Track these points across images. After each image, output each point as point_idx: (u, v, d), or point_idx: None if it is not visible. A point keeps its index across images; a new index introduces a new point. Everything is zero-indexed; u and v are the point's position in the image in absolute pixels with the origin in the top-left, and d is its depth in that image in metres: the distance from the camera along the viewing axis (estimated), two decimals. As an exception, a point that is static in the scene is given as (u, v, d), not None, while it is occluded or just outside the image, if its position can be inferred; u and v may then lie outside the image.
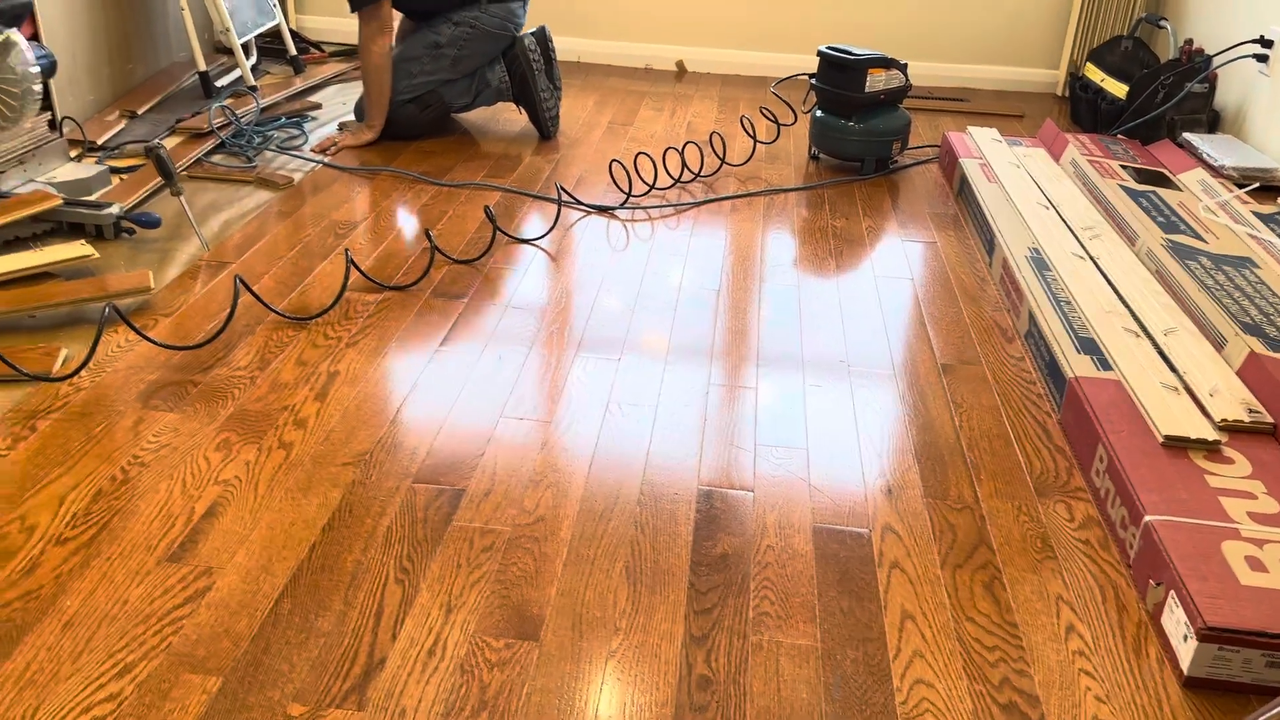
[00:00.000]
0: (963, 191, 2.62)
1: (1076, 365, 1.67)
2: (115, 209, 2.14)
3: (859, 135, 2.74)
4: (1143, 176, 2.51)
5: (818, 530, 1.38)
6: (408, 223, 2.32)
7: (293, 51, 3.41)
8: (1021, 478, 1.51)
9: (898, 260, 2.25)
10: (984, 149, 2.73)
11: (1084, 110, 3.27)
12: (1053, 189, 2.45)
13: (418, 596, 1.22)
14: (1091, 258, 2.08)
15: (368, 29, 2.67)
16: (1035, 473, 1.53)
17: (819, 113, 2.82)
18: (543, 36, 2.90)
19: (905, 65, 2.75)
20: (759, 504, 1.42)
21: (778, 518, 1.40)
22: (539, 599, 1.23)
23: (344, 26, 3.91)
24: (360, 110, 2.84)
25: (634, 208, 2.48)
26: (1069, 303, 1.88)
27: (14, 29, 2.05)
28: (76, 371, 1.63)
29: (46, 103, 2.63)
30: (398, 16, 2.84)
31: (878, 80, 2.70)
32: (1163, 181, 2.49)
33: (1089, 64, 3.28)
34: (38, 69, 2.08)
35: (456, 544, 1.31)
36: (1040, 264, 2.05)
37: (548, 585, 1.25)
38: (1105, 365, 1.67)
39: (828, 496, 1.45)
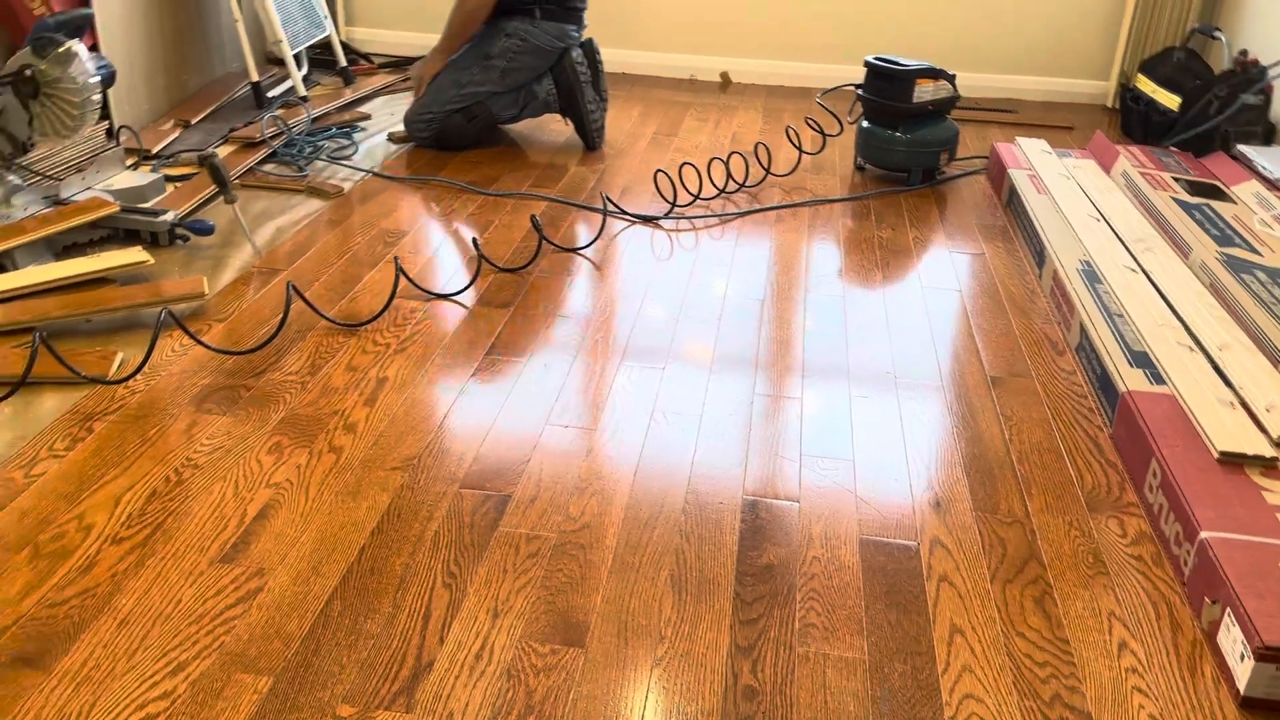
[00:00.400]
0: (1011, 203, 2.60)
1: (1129, 379, 1.64)
2: (170, 216, 2.18)
3: (906, 146, 2.72)
4: (1196, 189, 2.47)
5: (864, 542, 1.37)
6: (455, 232, 2.35)
7: (343, 63, 3.46)
8: (1073, 492, 1.49)
9: (945, 271, 2.24)
10: (1033, 160, 2.70)
11: (1135, 122, 3.23)
12: (1104, 201, 2.42)
13: (465, 600, 1.23)
14: (1144, 271, 2.05)
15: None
16: (1087, 487, 1.51)
17: (865, 123, 2.81)
18: (590, 49, 2.92)
19: (953, 76, 2.73)
20: (805, 515, 1.42)
21: (824, 529, 1.39)
22: (584, 606, 1.23)
23: (393, 39, 3.97)
24: (409, 120, 2.87)
25: (678, 218, 2.49)
26: (1121, 316, 1.86)
27: (75, 40, 2.10)
28: (132, 375, 1.66)
29: (105, 112, 2.69)
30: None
31: (925, 91, 2.69)
32: (1216, 194, 2.45)
33: (1140, 75, 3.24)
34: (97, 79, 2.13)
35: (503, 549, 1.32)
36: (1091, 276, 2.02)
37: (593, 592, 1.26)
38: (1159, 379, 1.64)
39: (875, 508, 1.44)
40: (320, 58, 3.57)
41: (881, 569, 1.32)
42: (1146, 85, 3.18)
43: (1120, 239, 2.21)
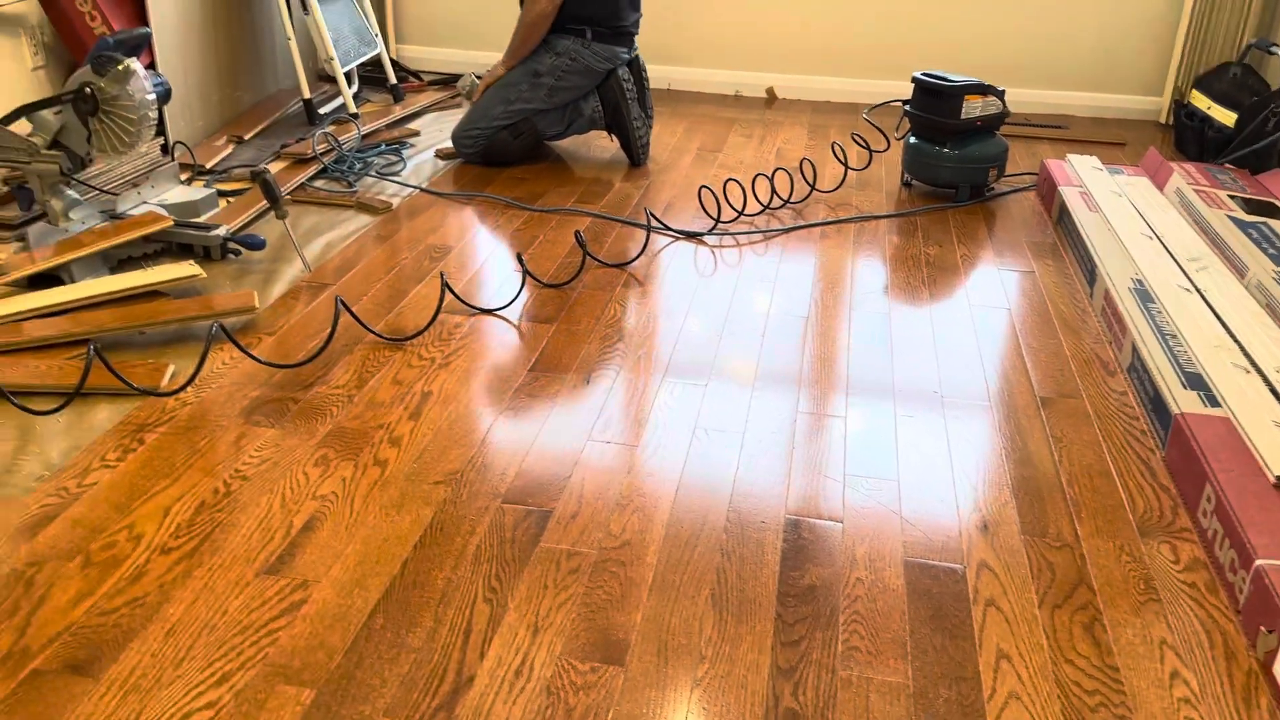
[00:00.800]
0: (1062, 220, 2.56)
1: (1183, 401, 1.61)
2: (222, 231, 2.22)
3: (954, 162, 2.70)
4: (1252, 207, 2.42)
5: (909, 564, 1.35)
6: (500, 247, 2.36)
7: (393, 80, 3.51)
8: (1124, 516, 1.46)
9: (994, 289, 2.21)
10: (1084, 177, 2.67)
11: (1189, 138, 3.17)
12: (1157, 219, 2.38)
13: (505, 616, 1.23)
14: (1198, 290, 2.01)
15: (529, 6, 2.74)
16: (1138, 511, 1.47)
17: (913, 139, 2.79)
18: (636, 65, 2.93)
19: (1003, 92, 2.70)
20: (848, 535, 1.40)
21: (868, 550, 1.37)
22: (625, 623, 1.23)
23: (442, 56, 4.02)
24: (457, 137, 2.90)
25: (722, 234, 2.48)
26: (1174, 336, 1.82)
27: (134, 58, 2.15)
28: (183, 387, 1.69)
29: (160, 128, 2.75)
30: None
31: (974, 106, 2.67)
32: (1273, 212, 2.39)
33: (1195, 91, 3.18)
34: (154, 96, 2.18)
35: (544, 565, 1.32)
36: (1144, 296, 1.99)
37: (633, 610, 1.25)
38: (1213, 402, 1.61)
39: (920, 530, 1.42)
40: (371, 75, 3.62)
41: (927, 592, 1.30)
42: (1201, 101, 3.13)
43: (1174, 257, 2.16)
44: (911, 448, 1.62)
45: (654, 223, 2.49)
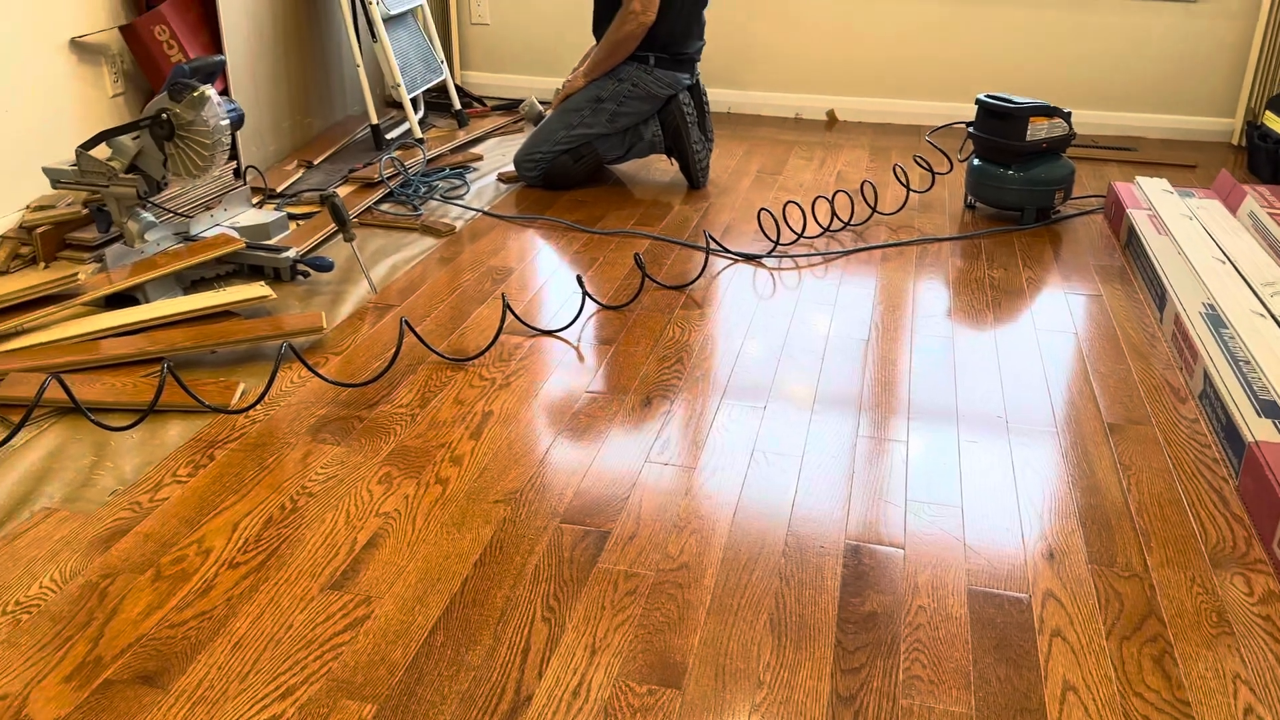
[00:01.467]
0: (1130, 243, 2.52)
1: (1257, 429, 1.56)
2: (292, 253, 2.28)
3: (1019, 184, 2.66)
4: (1331, 229, 2.35)
5: (973, 593, 1.33)
6: (560, 269, 2.38)
7: (458, 106, 3.57)
8: (1195, 547, 1.42)
9: (1060, 313, 2.17)
10: (1153, 200, 2.61)
11: (1263, 161, 3.09)
12: (1229, 243, 2.32)
13: (563, 636, 1.24)
14: (1273, 316, 1.95)
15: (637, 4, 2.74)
16: (1210, 542, 1.43)
17: (976, 161, 2.76)
18: (697, 90, 2.95)
19: (1069, 114, 2.67)
20: (910, 562, 1.38)
21: (930, 577, 1.35)
22: (682, 646, 1.23)
23: (505, 82, 4.08)
24: (518, 161, 2.93)
25: (781, 256, 2.48)
26: (1248, 363, 1.77)
27: (208, 85, 2.22)
28: (253, 405, 1.73)
29: (233, 152, 2.82)
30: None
31: (1040, 129, 2.63)
32: (1354, 235, 2.32)
33: (1269, 112, 3.11)
34: (227, 122, 2.25)
35: (601, 586, 1.33)
36: (1216, 321, 1.94)
37: (691, 633, 1.25)
38: (1290, 430, 1.56)
39: (984, 558, 1.40)
40: (436, 101, 3.69)
41: (991, 621, 1.28)
42: (1276, 122, 3.05)
43: (1247, 282, 2.11)
44: (975, 473, 1.59)
45: (713, 245, 2.49)
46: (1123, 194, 2.69)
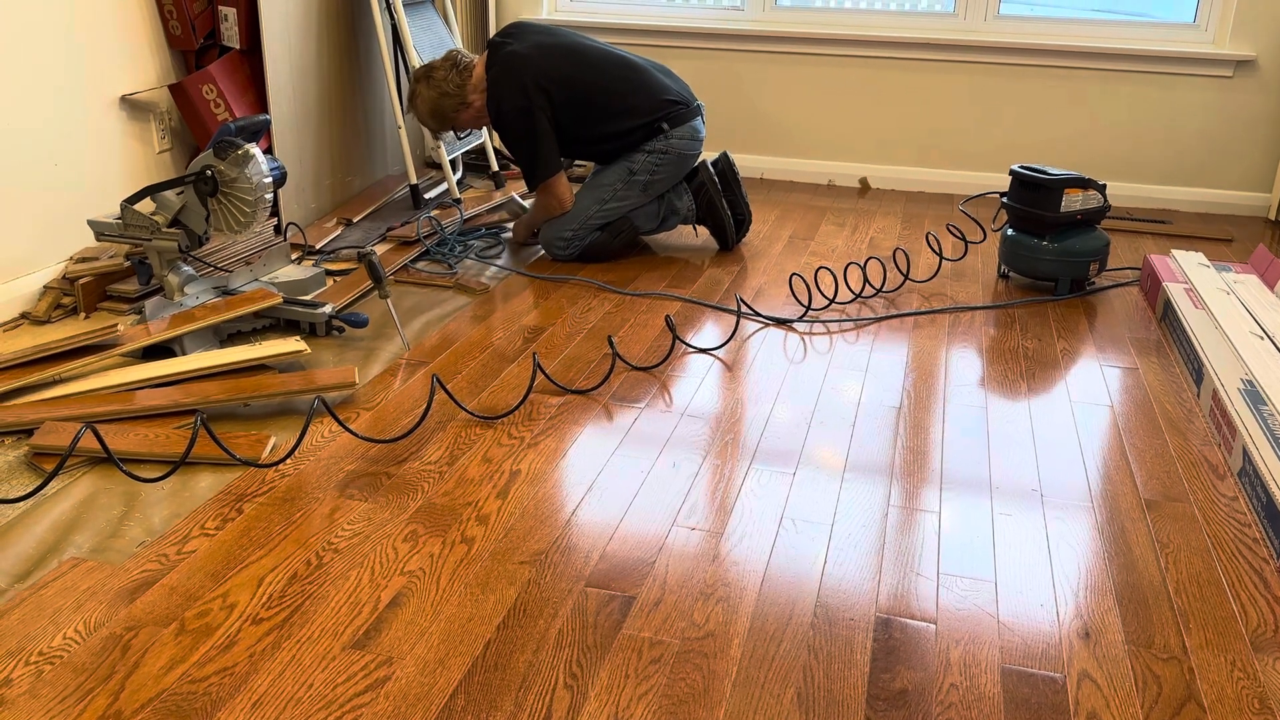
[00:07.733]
0: (1166, 316, 2.49)
1: (1300, 509, 1.53)
2: (328, 309, 2.30)
3: (1054, 255, 2.65)
4: (1373, 306, 2.32)
5: (1006, 672, 1.29)
6: (591, 329, 2.39)
7: (494, 167, 3.63)
8: (1236, 629, 1.38)
9: (1095, 385, 2.15)
10: (1189, 273, 2.59)
11: (1302, 234, 3.06)
12: (1267, 318, 2.30)
13: (585, 704, 1.22)
14: (1315, 392, 1.92)
15: (545, 201, 2.84)
16: (1251, 625, 1.39)
17: (1010, 231, 2.75)
18: (726, 163, 2.99)
19: (1104, 186, 2.66)
20: (942, 637, 1.35)
21: (962, 654, 1.32)
22: (707, 719, 1.20)
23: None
24: (547, 242, 2.87)
25: (812, 320, 2.48)
26: (1290, 440, 1.74)
27: (253, 143, 2.26)
28: (283, 459, 1.74)
29: (275, 209, 2.88)
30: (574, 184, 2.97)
31: (1074, 200, 2.63)
32: (1397, 312, 2.29)
33: (1308, 186, 3.09)
34: (270, 180, 2.29)
35: (625, 653, 1.30)
36: (1255, 397, 1.91)
37: (716, 706, 1.22)
38: (1334, 511, 1.52)
39: (1018, 635, 1.36)
40: (474, 163, 3.75)
41: (1025, 701, 1.24)
42: (1315, 197, 3.03)
43: (1288, 358, 2.08)
44: (1009, 547, 1.56)
45: (744, 308, 2.50)
46: (1158, 267, 2.67)
